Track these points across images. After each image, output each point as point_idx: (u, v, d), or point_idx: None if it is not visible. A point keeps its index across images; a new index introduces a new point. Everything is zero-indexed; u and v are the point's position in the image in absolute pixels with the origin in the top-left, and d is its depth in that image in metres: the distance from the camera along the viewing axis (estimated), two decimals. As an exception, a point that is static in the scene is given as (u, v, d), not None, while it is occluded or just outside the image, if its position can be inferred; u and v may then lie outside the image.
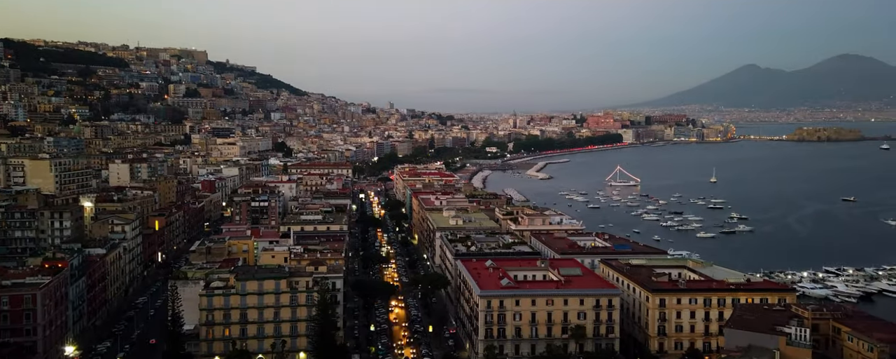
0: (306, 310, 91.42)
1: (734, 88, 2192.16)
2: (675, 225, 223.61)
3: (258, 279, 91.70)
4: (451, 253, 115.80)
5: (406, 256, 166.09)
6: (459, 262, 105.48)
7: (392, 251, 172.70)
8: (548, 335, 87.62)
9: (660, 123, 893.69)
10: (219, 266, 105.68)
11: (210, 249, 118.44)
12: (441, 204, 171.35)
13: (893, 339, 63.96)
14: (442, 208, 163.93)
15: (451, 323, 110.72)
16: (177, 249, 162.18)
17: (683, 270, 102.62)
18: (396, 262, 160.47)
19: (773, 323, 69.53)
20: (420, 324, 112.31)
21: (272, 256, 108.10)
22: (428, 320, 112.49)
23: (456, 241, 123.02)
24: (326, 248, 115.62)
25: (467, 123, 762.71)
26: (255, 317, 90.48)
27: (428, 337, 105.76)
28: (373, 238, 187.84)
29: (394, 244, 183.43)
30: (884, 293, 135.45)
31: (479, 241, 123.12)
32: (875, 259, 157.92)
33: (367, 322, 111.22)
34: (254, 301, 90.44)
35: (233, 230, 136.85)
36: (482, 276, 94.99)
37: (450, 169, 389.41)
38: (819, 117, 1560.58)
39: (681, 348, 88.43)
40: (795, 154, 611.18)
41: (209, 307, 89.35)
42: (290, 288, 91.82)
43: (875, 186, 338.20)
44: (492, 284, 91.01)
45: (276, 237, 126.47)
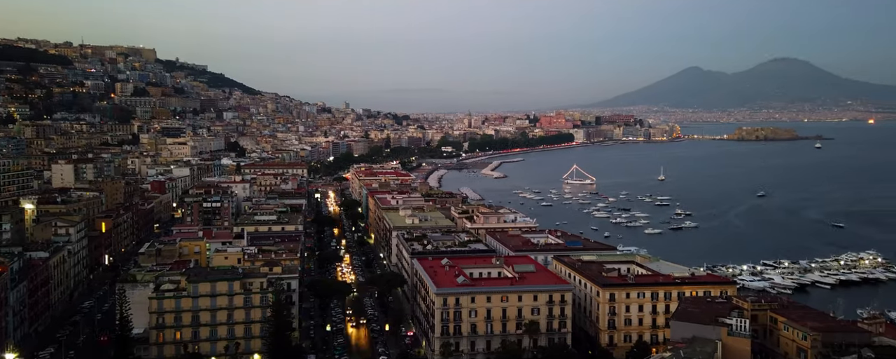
0: (261, 311, 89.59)
1: (679, 90, 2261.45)
2: (624, 222, 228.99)
3: (211, 281, 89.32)
4: (407, 252, 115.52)
5: (362, 255, 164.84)
6: (416, 260, 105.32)
7: (348, 251, 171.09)
8: (503, 331, 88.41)
9: (609, 123, 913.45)
10: (169, 268, 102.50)
11: (160, 251, 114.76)
12: (397, 203, 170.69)
13: (824, 328, 67.08)
14: (398, 208, 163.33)
15: (407, 322, 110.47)
16: (125, 252, 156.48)
17: (632, 265, 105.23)
18: (353, 261, 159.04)
19: (716, 315, 71.90)
20: (377, 323, 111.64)
21: (225, 258, 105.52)
22: (384, 318, 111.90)
23: (412, 240, 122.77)
24: (281, 248, 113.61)
25: (423, 123, 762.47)
26: (208, 319, 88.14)
27: (384, 336, 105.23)
28: (329, 238, 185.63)
29: (350, 244, 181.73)
30: (816, 285, 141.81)
31: (435, 239, 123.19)
32: (808, 252, 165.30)
33: (323, 322, 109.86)
34: (206, 303, 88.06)
35: (184, 232, 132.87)
36: (438, 274, 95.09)
37: (406, 168, 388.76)
38: (757, 118, 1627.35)
39: (629, 340, 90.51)
40: (736, 153, 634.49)
41: (159, 310, 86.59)
42: (244, 289, 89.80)
43: (812, 182, 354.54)
44: (448, 282, 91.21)
45: (230, 238, 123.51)
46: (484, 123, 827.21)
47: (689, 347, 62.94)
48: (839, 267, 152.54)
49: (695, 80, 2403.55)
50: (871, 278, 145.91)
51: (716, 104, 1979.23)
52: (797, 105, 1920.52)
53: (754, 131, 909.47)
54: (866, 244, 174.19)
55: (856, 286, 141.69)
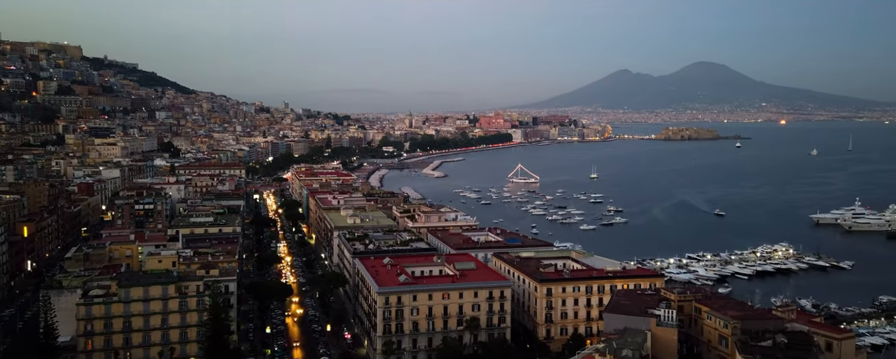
0: (197, 315, 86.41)
1: (610, 92, 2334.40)
2: (560, 219, 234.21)
3: (144, 285, 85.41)
4: (349, 252, 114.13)
5: (303, 256, 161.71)
6: (357, 260, 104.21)
7: (288, 252, 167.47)
8: (444, 328, 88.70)
9: (545, 123, 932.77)
10: (98, 273, 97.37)
11: (88, 256, 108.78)
12: (338, 203, 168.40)
13: (743, 316, 70.69)
14: (339, 208, 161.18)
15: (349, 322, 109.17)
16: (50, 257, 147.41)
17: (568, 260, 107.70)
18: (293, 262, 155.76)
19: (646, 306, 74.50)
20: (318, 324, 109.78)
21: (159, 261, 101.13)
22: (326, 319, 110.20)
23: (354, 239, 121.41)
24: (219, 250, 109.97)
25: (364, 123, 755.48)
26: (141, 325, 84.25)
27: (325, 336, 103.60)
28: (268, 239, 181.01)
29: (290, 245, 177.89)
30: (735, 276, 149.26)
31: (376, 239, 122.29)
32: (729, 245, 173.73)
33: (263, 324, 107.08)
34: (139, 308, 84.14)
35: (114, 235, 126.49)
36: (380, 273, 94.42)
37: (347, 168, 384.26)
38: (682, 118, 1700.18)
39: (566, 333, 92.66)
40: (663, 152, 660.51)
41: (88, 317, 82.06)
42: (179, 293, 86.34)
43: (732, 179, 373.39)
44: (390, 281, 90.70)
45: (164, 241, 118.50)
46: (425, 123, 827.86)
47: (621, 338, 64.94)
48: (756, 259, 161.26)
49: (625, 83, 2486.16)
50: (784, 269, 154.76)
51: (644, 105, 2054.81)
52: (718, 106, 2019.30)
53: (679, 131, 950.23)
54: (747, 231, 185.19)
55: (771, 276, 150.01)
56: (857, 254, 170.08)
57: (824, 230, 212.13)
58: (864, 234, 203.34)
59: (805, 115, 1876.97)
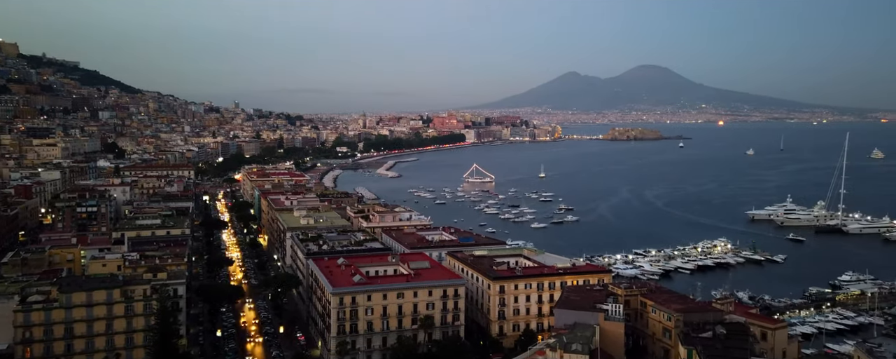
0: (144, 319, 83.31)
1: (559, 93, 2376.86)
2: (512, 218, 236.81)
3: (86, 290, 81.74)
4: (302, 253, 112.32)
5: (255, 258, 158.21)
6: (311, 261, 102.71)
7: (240, 254, 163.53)
8: (398, 327, 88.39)
9: (498, 123, 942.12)
10: (37, 278, 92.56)
11: (26, 261, 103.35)
12: (292, 204, 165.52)
13: (685, 309, 73.18)
14: (293, 208, 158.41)
15: (303, 323, 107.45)
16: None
17: (520, 258, 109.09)
18: (245, 264, 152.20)
19: (594, 302, 76.19)
20: (271, 325, 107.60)
21: (103, 265, 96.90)
22: (279, 321, 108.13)
23: (307, 240, 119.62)
24: (167, 253, 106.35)
25: (317, 124, 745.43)
26: (84, 331, 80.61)
27: (278, 338, 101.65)
28: (219, 241, 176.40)
29: (242, 246, 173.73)
30: (678, 270, 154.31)
31: (330, 239, 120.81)
32: (672, 241, 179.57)
33: (214, 327, 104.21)
34: (82, 314, 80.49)
35: (55, 238, 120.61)
36: (334, 273, 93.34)
37: (300, 169, 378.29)
38: (627, 119, 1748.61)
39: (518, 329, 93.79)
40: (610, 151, 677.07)
41: (26, 324, 77.99)
42: (124, 297, 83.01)
43: (676, 178, 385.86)
44: (344, 281, 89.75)
45: (108, 244, 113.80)
46: (378, 123, 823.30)
47: (571, 332, 66.17)
48: (697, 254, 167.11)
49: (573, 84, 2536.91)
50: (723, 263, 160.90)
51: (592, 106, 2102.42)
52: (661, 108, 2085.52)
53: (626, 132, 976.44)
54: (689, 227, 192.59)
55: (711, 271, 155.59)
56: (788, 248, 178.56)
57: (759, 226, 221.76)
58: (795, 228, 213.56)
59: (741, 116, 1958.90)
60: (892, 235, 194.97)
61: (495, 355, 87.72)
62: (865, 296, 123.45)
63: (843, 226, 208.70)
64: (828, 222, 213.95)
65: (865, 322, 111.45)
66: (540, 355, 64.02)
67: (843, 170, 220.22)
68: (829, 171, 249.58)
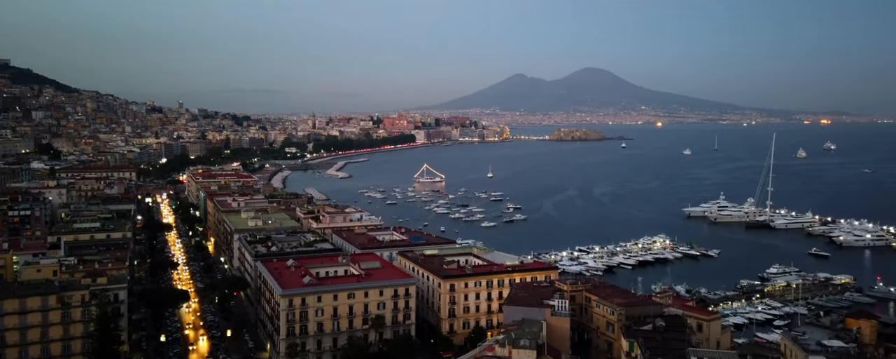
0: (83, 326, 79.44)
1: (507, 94, 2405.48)
2: (462, 217, 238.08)
3: (19, 297, 77.28)
4: (250, 255, 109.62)
5: (201, 261, 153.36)
6: (259, 263, 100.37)
7: (185, 257, 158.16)
8: (349, 328, 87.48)
9: (447, 124, 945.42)
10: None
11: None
12: (239, 206, 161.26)
13: (627, 303, 75.44)
14: (240, 210, 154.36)
15: (251, 326, 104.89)
16: None
17: (470, 256, 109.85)
18: (190, 267, 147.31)
19: (542, 298, 77.59)
20: (217, 329, 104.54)
21: (38, 271, 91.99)
22: (226, 324, 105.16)
23: (255, 242, 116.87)
24: (106, 257, 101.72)
25: (265, 124, 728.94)
26: (16, 339, 76.14)
27: (226, 342, 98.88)
28: (163, 244, 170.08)
29: (187, 249, 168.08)
30: (621, 266, 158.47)
31: (279, 241, 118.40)
32: (615, 238, 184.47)
33: (158, 332, 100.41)
34: (14, 322, 76.03)
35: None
36: (283, 275, 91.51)
37: (248, 170, 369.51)
38: (572, 120, 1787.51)
39: (468, 326, 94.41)
40: (556, 152, 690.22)
41: (-48, 336, 73.10)
42: (61, 304, 78.88)
43: (619, 177, 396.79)
44: (294, 282, 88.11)
45: (43, 249, 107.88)
46: (328, 124, 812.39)
47: (519, 328, 67.11)
48: (638, 250, 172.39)
49: (520, 86, 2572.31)
50: (662, 258, 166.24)
51: (538, 108, 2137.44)
52: (603, 109, 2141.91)
53: (571, 133, 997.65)
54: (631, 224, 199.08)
55: (651, 266, 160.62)
56: (722, 243, 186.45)
57: (695, 222, 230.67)
58: (728, 224, 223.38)
59: (678, 117, 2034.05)
60: (814, 230, 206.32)
61: (446, 352, 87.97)
62: (791, 287, 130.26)
63: (770, 222, 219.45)
64: (757, 219, 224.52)
65: (791, 312, 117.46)
66: (489, 352, 64.63)
67: (770, 169, 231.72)
68: (759, 169, 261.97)
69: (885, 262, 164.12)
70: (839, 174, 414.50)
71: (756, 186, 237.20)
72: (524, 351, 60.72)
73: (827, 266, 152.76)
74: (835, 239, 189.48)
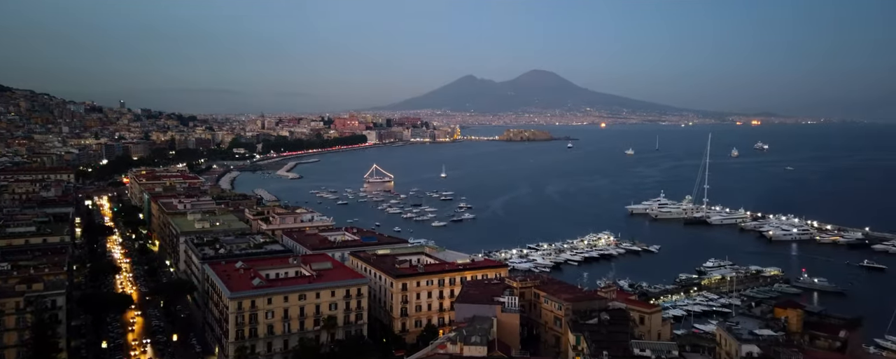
0: (17, 335, 75.17)
1: (457, 95, 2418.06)
2: (414, 216, 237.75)
3: (-54, 308, 72.46)
4: (197, 257, 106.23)
5: (145, 264, 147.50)
6: (207, 265, 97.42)
7: (128, 261, 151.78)
8: (300, 329, 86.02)
9: (399, 125, 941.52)
10: None
11: None
12: (185, 207, 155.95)
13: (574, 298, 77.18)
14: (186, 212, 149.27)
15: (198, 330, 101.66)
16: None
17: (422, 255, 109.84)
18: (133, 271, 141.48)
19: (492, 295, 78.40)
20: (163, 334, 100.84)
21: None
22: (172, 328, 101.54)
23: (203, 244, 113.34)
24: (43, 262, 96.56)
25: (212, 124, 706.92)
26: (-56, 353, 71.47)
27: (172, 347, 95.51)
28: (104, 248, 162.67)
29: (130, 253, 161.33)
30: (567, 262, 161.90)
31: (228, 243, 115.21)
32: (562, 235, 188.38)
33: (98, 339, 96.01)
34: (-60, 334, 71.25)
35: None
36: (232, 278, 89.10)
37: (194, 171, 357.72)
38: (521, 121, 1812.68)
39: (420, 325, 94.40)
40: (506, 152, 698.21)
41: None
42: (-7, 313, 74.44)
43: (566, 176, 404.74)
44: (243, 285, 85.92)
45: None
46: (278, 124, 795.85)
47: (470, 325, 67.64)
48: (584, 246, 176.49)
49: (470, 87, 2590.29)
50: (607, 254, 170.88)
51: (488, 109, 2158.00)
52: (550, 110, 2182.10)
53: (520, 133, 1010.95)
54: (577, 221, 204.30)
55: (596, 262, 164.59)
56: (662, 239, 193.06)
57: (637, 219, 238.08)
58: (667, 221, 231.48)
59: (621, 118, 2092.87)
60: (746, 225, 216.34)
61: (398, 351, 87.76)
62: (726, 280, 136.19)
63: (707, 218, 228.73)
64: (694, 215, 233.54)
65: (726, 303, 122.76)
66: (441, 350, 64.87)
67: (706, 167, 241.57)
68: (696, 168, 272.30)
69: (809, 254, 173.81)
70: (769, 172, 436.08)
71: (693, 184, 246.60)
72: (475, 347, 61.23)
73: (758, 259, 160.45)
74: (765, 234, 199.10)
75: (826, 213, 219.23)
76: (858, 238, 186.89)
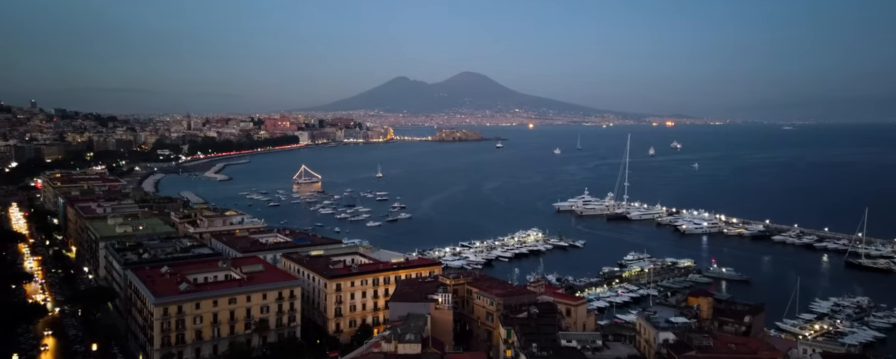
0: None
1: (391, 96, 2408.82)
2: (348, 217, 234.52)
3: None
4: (118, 263, 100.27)
5: (61, 271, 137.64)
6: (130, 271, 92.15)
7: (42, 268, 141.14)
8: (231, 333, 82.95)
9: (332, 125, 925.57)
10: None
11: None
12: (105, 211, 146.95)
13: (505, 293, 78.65)
14: (107, 216, 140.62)
15: (120, 338, 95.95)
16: None
17: (356, 255, 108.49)
18: (47, 278, 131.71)
19: (426, 293, 78.50)
20: (81, 344, 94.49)
21: None
22: (92, 338, 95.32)
23: (125, 249, 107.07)
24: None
25: (134, 125, 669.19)
26: None
27: (91, 356, 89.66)
28: (14, 255, 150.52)
29: (44, 260, 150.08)
30: (499, 259, 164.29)
31: (152, 247, 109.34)
32: (493, 232, 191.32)
33: (9, 351, 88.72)
34: None
35: None
36: (157, 283, 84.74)
37: (115, 174, 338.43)
38: (452, 122, 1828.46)
39: (355, 325, 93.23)
40: (439, 152, 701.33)
41: None
42: None
43: (496, 175, 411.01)
44: (169, 290, 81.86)
45: None
46: (205, 125, 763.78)
47: (405, 323, 67.47)
48: (514, 243, 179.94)
49: (403, 89, 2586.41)
50: (536, 250, 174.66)
51: (420, 110, 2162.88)
52: (480, 112, 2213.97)
53: (452, 134, 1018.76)
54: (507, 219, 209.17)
55: (526, 257, 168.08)
56: (587, 234, 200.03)
57: (564, 216, 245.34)
58: (592, 217, 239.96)
59: (547, 119, 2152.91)
60: (662, 220, 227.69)
61: (332, 352, 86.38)
62: (644, 272, 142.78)
63: (627, 214, 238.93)
64: (616, 211, 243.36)
65: (645, 294, 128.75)
66: (375, 349, 64.39)
67: (626, 165, 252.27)
68: (617, 166, 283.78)
69: (718, 246, 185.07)
70: (682, 169, 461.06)
71: (615, 182, 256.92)
72: (409, 345, 61.17)
73: (673, 252, 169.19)
74: (679, 228, 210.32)
75: (733, 207, 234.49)
76: (760, 230, 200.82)
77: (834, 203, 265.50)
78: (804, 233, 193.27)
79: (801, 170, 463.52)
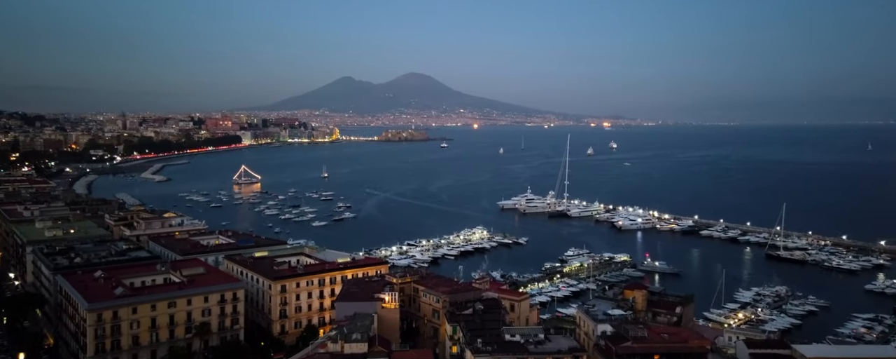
0: None
1: (336, 97, 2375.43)
2: (293, 217, 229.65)
3: None
4: (47, 268, 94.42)
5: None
6: (60, 276, 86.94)
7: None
8: (170, 338, 79.64)
9: (276, 125, 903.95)
10: None
11: None
12: (32, 214, 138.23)
13: (451, 290, 79.06)
14: (34, 219, 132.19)
15: (50, 347, 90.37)
16: None
17: (302, 256, 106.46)
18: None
19: (373, 292, 77.90)
20: (7, 353, 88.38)
21: None
22: (17, 348, 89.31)
23: (55, 254, 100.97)
24: None
25: (64, 124, 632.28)
26: None
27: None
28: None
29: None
30: (445, 257, 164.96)
31: (85, 251, 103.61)
32: (439, 231, 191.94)
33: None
34: None
35: None
36: (90, 288, 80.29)
37: (43, 175, 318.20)
38: (398, 122, 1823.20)
39: (300, 326, 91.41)
40: (385, 152, 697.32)
41: None
42: None
43: (442, 174, 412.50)
44: (103, 295, 77.73)
45: None
46: (142, 124, 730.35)
47: (351, 323, 66.76)
48: (460, 241, 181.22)
49: (349, 89, 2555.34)
50: (481, 248, 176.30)
51: (366, 110, 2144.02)
52: (426, 112, 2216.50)
53: (397, 134, 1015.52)
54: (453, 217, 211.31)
55: (471, 255, 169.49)
56: (530, 231, 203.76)
57: (508, 214, 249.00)
58: (534, 215, 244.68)
59: (491, 120, 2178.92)
60: (600, 217, 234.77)
61: (277, 354, 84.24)
62: (584, 267, 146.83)
63: (567, 211, 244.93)
64: (557, 209, 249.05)
65: (584, 288, 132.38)
66: (321, 349, 63.40)
67: (566, 164, 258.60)
68: (558, 165, 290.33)
69: (652, 241, 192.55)
70: (619, 168, 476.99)
71: (556, 180, 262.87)
72: (356, 344, 60.61)
73: (610, 247, 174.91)
74: (615, 224, 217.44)
75: (665, 204, 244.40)
76: (690, 225, 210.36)
77: (755, 200, 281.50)
78: (729, 227, 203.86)
79: (724, 168, 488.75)
